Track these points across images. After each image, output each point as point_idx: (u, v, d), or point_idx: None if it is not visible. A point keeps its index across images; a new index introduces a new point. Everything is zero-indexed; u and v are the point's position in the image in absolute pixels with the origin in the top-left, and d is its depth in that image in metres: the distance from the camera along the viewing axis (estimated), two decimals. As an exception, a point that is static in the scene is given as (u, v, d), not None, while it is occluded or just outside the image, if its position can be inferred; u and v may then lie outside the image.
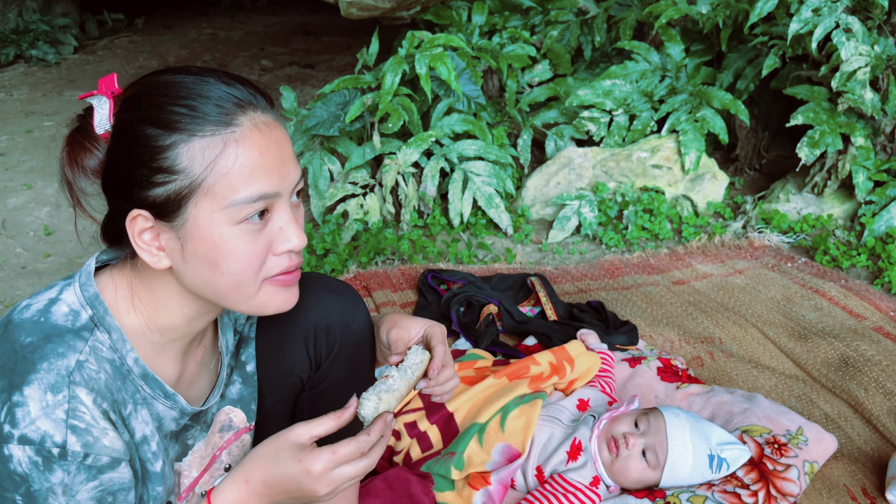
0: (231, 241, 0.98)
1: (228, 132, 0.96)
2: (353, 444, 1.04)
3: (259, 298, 1.04)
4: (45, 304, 1.02)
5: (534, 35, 3.39)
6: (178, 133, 0.95)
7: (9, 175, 3.58)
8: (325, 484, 1.04)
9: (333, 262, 2.63)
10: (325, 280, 1.30)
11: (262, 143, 0.97)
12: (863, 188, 2.75)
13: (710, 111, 2.96)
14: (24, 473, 0.93)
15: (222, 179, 0.96)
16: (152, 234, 0.99)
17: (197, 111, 0.95)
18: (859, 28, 2.69)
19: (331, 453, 1.03)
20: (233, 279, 1.01)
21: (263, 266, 1.02)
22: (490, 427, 1.61)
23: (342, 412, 1.07)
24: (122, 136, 0.98)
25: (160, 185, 0.96)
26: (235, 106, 0.97)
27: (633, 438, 1.53)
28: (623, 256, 2.70)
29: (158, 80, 0.98)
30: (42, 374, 0.94)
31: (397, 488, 1.52)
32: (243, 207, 0.97)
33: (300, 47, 5.76)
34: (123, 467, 1.00)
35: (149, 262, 1.00)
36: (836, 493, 1.61)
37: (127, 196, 0.98)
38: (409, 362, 1.17)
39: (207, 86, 0.97)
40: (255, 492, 1.05)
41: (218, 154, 0.95)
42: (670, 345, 2.13)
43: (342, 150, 2.95)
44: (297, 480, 1.03)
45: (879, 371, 1.96)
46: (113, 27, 6.24)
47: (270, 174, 0.98)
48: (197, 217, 0.97)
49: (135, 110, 0.97)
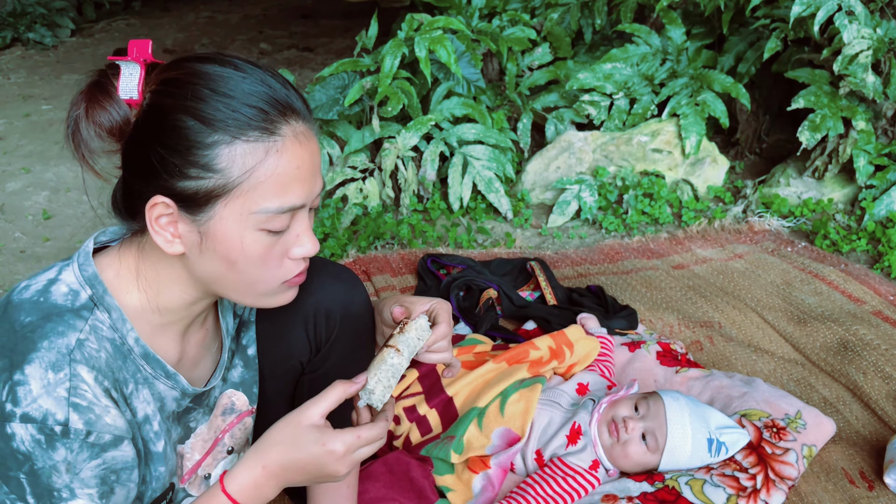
0: (251, 245, 0.99)
1: (271, 141, 0.96)
2: (377, 429, 1.07)
3: (272, 297, 1.08)
4: (44, 285, 1.02)
5: (534, 18, 3.37)
6: (221, 133, 0.94)
7: (7, 159, 3.56)
8: (347, 464, 1.06)
9: (333, 246, 2.62)
10: (325, 264, 1.30)
11: (300, 156, 0.98)
12: (863, 172, 2.75)
13: (710, 95, 2.95)
14: (28, 452, 0.93)
15: (258, 187, 0.96)
16: (170, 219, 0.99)
17: (243, 113, 0.94)
18: (861, 11, 2.67)
19: (356, 437, 1.05)
20: (247, 278, 1.02)
21: (281, 269, 1.04)
22: (490, 411, 1.61)
23: (349, 384, 1.08)
24: (159, 120, 0.95)
25: (193, 179, 0.95)
26: (279, 113, 0.97)
27: (633, 422, 1.54)
28: (623, 241, 2.70)
29: (203, 70, 0.96)
30: (43, 353, 0.94)
31: (397, 472, 1.53)
32: (272, 217, 0.98)
33: (298, 30, 5.73)
34: (126, 445, 1.00)
35: (162, 247, 1.00)
36: (835, 476, 1.61)
37: (154, 180, 0.97)
38: (412, 337, 1.15)
39: (252, 85, 0.96)
40: (273, 474, 1.05)
41: (259, 162, 0.95)
42: (670, 329, 2.13)
43: (341, 133, 2.93)
44: (318, 462, 1.05)
45: (878, 355, 1.96)
46: (110, 10, 6.20)
47: (301, 187, 0.99)
48: (223, 217, 0.97)
49: (177, 97, 0.95)
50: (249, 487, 1.05)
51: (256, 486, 1.05)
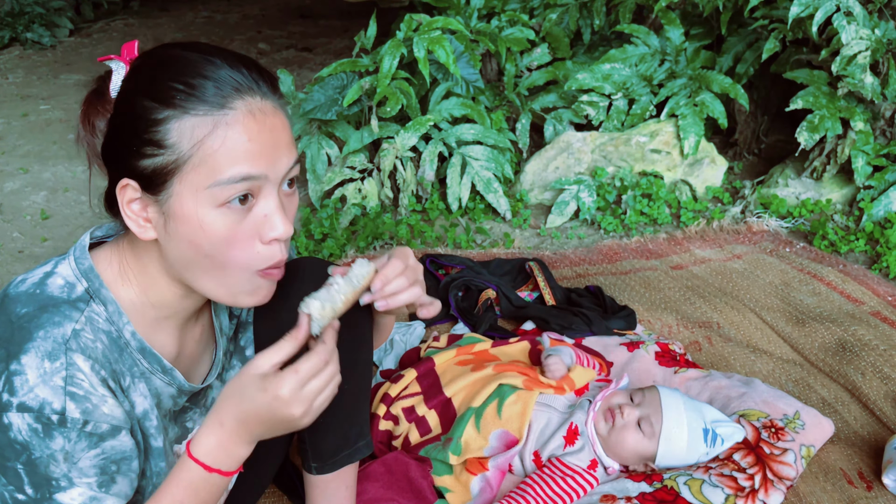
0: (212, 224, 0.98)
1: (220, 114, 0.96)
2: (314, 356, 1.02)
3: (248, 293, 1.05)
4: (40, 278, 1.03)
5: (532, 18, 3.37)
6: (172, 109, 0.95)
7: (5, 159, 3.56)
8: (298, 404, 1.01)
9: (331, 246, 2.62)
10: (322, 264, 1.30)
11: (252, 129, 0.97)
12: (862, 173, 2.75)
13: (709, 95, 2.95)
14: (25, 441, 0.93)
15: (207, 159, 0.96)
16: (140, 205, 1.00)
17: (194, 90, 0.95)
18: (860, 12, 2.68)
19: (293, 372, 1.00)
20: (215, 263, 1.00)
21: (250, 254, 1.01)
22: (487, 413, 1.61)
23: (296, 330, 1.04)
24: (121, 105, 1.00)
25: (149, 156, 0.97)
26: (234, 90, 0.97)
27: (629, 409, 1.55)
28: (621, 241, 2.70)
29: (165, 54, 0.99)
30: (39, 342, 0.95)
31: (396, 472, 1.53)
32: (225, 188, 0.96)
33: (297, 30, 5.72)
34: (124, 435, 1.00)
35: (135, 232, 1.01)
36: (833, 476, 1.62)
37: (119, 164, 1.00)
38: (353, 272, 1.12)
39: (211, 66, 0.97)
40: (233, 431, 1.02)
41: (206, 134, 0.95)
42: (668, 329, 2.13)
43: (340, 134, 2.93)
44: (269, 409, 1.00)
45: (877, 356, 1.97)
46: (108, 10, 6.19)
47: (257, 158, 0.98)
48: (180, 194, 0.97)
49: (136, 81, 0.99)
50: (215, 448, 1.02)
51: (221, 445, 1.02)
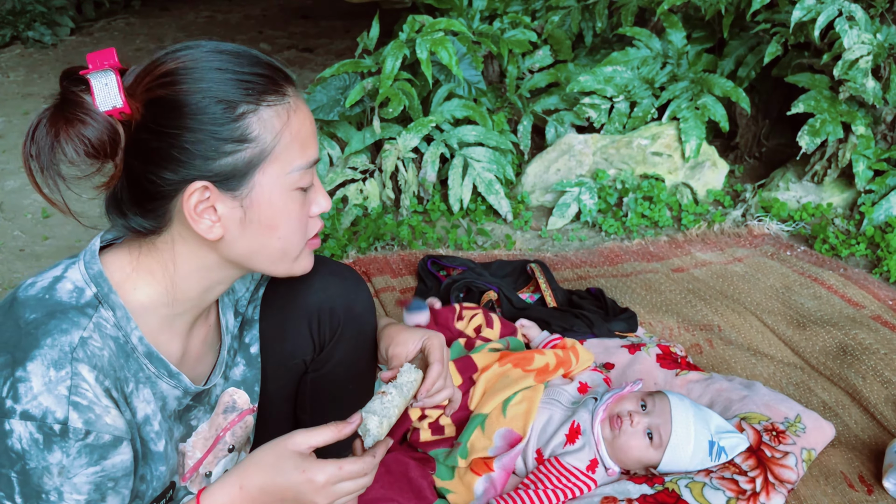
0: (289, 206, 1.03)
1: (286, 103, 1.00)
2: (360, 463, 1.07)
3: (300, 261, 1.10)
4: (49, 282, 1.01)
5: (535, 20, 3.37)
6: (245, 104, 0.97)
7: (6, 157, 3.56)
8: (325, 496, 1.05)
9: (333, 247, 2.62)
10: (328, 263, 1.30)
11: (306, 113, 1.04)
12: (863, 177, 2.75)
13: (710, 98, 2.95)
14: (22, 450, 0.92)
15: (288, 147, 1.00)
16: (206, 204, 1.00)
17: (257, 82, 0.98)
18: (862, 16, 2.68)
19: (337, 468, 1.05)
20: (284, 242, 1.06)
21: (308, 228, 1.08)
22: (492, 414, 1.61)
23: (344, 425, 1.08)
24: (177, 110, 0.95)
25: (230, 154, 0.97)
26: (282, 78, 1.02)
27: (639, 416, 1.54)
28: (622, 244, 2.70)
29: (202, 54, 0.98)
30: (45, 350, 0.94)
31: (395, 472, 1.52)
32: (303, 174, 1.03)
33: (298, 31, 5.73)
34: (125, 447, 1.00)
35: (202, 233, 1.00)
36: (834, 480, 1.62)
37: (185, 169, 0.96)
38: (402, 380, 1.19)
39: (249, 58, 1.00)
40: (250, 497, 1.05)
41: (284, 124, 1.00)
42: (669, 332, 2.13)
43: (342, 134, 2.93)
44: (297, 489, 1.04)
45: (877, 360, 1.97)
46: (110, 9, 6.19)
47: (315, 142, 1.05)
48: (262, 184, 1.00)
49: (189, 83, 0.95)
50: None
51: None
